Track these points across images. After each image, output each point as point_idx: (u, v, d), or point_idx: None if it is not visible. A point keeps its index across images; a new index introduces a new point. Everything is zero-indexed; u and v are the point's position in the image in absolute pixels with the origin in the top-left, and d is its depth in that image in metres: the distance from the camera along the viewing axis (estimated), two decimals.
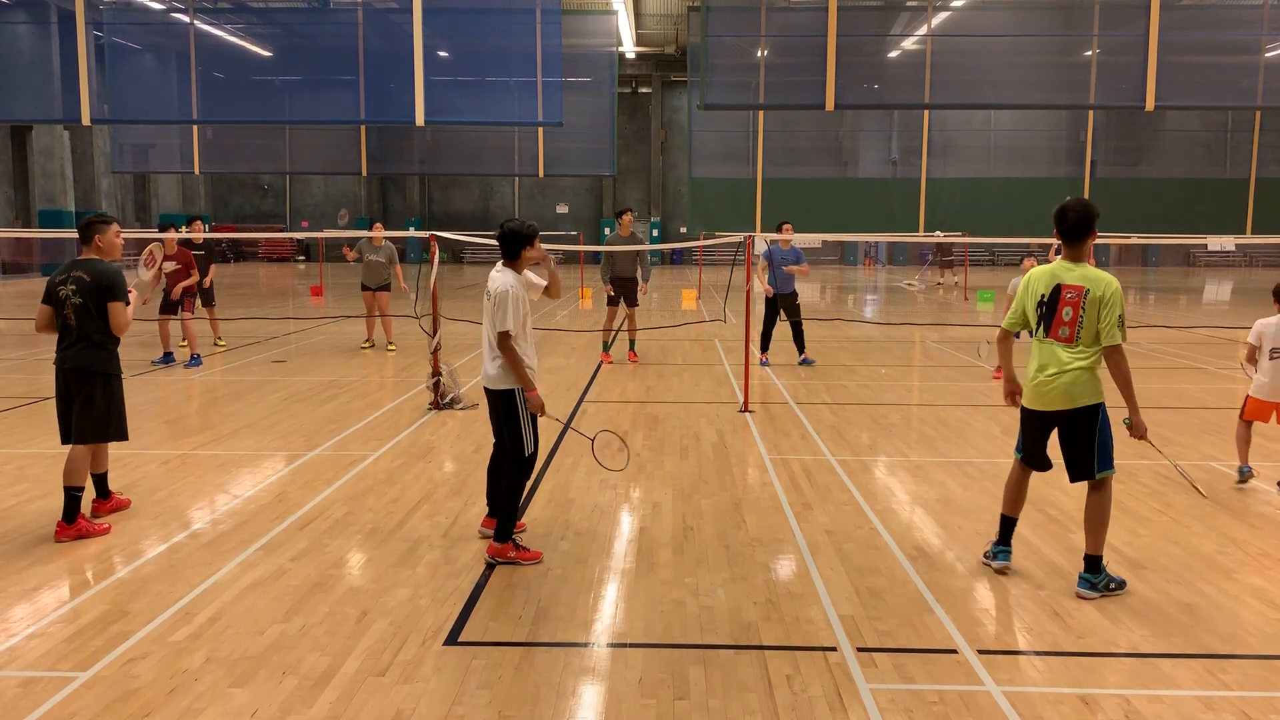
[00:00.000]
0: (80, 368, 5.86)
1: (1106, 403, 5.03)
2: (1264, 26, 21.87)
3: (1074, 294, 4.95)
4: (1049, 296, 5.04)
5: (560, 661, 4.28)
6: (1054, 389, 5.00)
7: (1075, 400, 4.97)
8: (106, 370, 5.94)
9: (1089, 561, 5.07)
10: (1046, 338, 5.06)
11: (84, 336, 5.85)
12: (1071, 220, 5.03)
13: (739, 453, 8.21)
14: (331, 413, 9.80)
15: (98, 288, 5.84)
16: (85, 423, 5.88)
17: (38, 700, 3.89)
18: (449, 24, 23.06)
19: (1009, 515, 5.41)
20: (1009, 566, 5.35)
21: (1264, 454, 8.02)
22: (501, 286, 5.44)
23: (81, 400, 5.87)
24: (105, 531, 5.94)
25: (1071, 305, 4.95)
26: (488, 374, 5.60)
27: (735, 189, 33.87)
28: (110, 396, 5.96)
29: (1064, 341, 4.99)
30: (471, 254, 47.71)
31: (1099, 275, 4.97)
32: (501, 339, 5.43)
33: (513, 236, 5.55)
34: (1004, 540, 5.41)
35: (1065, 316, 4.97)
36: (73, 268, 5.94)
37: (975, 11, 25.01)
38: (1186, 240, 23.18)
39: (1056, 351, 5.00)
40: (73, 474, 5.85)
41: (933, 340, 16.45)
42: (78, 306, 5.83)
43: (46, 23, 22.32)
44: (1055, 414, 5.07)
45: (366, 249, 14.15)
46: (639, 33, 40.34)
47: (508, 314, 5.40)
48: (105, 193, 37.87)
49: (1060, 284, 5.00)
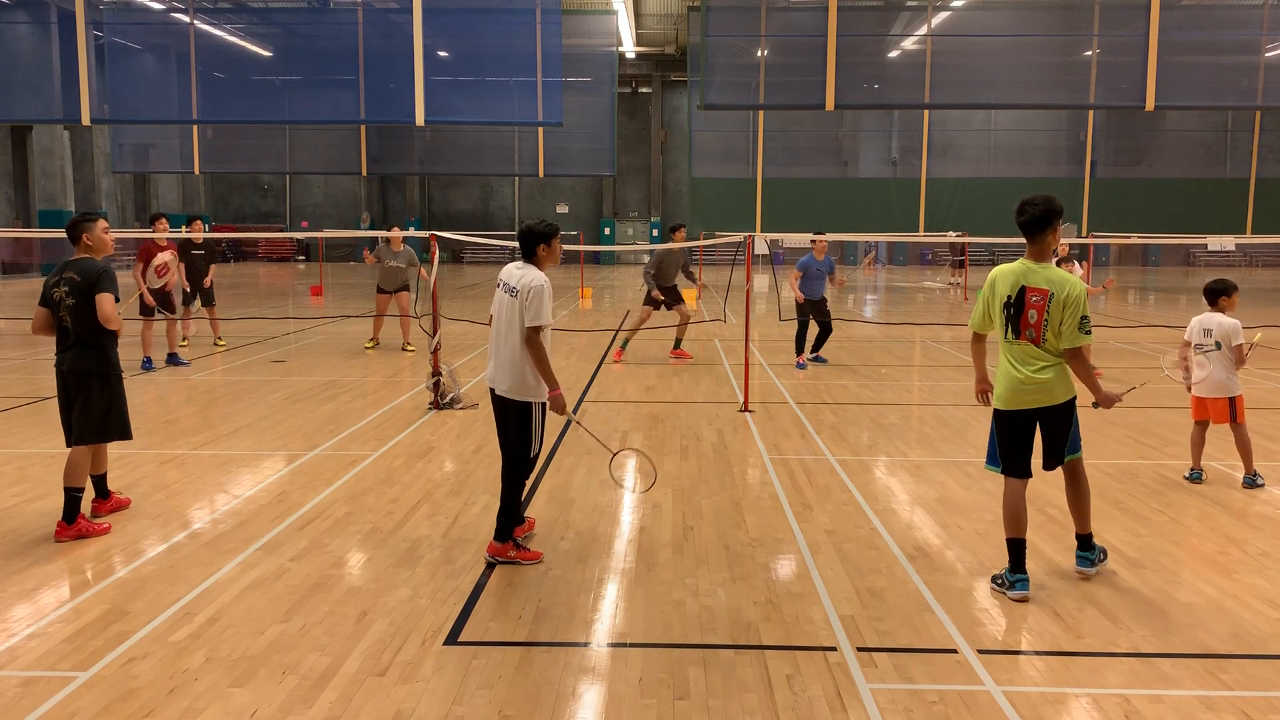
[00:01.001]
0: (79, 369, 5.84)
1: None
2: (1264, 26, 21.86)
3: (1039, 297, 4.95)
4: (1015, 298, 5.02)
5: (560, 661, 4.28)
6: (1029, 388, 5.01)
7: (1053, 398, 5.01)
8: (105, 371, 5.91)
9: (1082, 541, 5.28)
10: (1016, 339, 5.04)
11: (81, 338, 5.84)
12: (1029, 215, 4.99)
13: (739, 453, 8.21)
14: (331, 413, 9.81)
15: (87, 286, 5.81)
16: (85, 423, 5.87)
17: (38, 700, 3.89)
18: (449, 24, 23.06)
19: (1015, 537, 5.05)
20: (1028, 596, 4.95)
21: (1265, 454, 8.02)
22: (535, 281, 5.34)
23: (81, 401, 5.85)
24: (105, 531, 5.93)
25: (1036, 309, 4.95)
26: (503, 382, 5.44)
27: (735, 189, 33.88)
28: (111, 396, 5.94)
29: (1031, 343, 5.01)
30: (471, 254, 47.72)
31: (1063, 278, 4.97)
32: (531, 334, 5.30)
33: (527, 235, 5.52)
34: (1018, 567, 5.02)
35: (1031, 319, 4.98)
36: (65, 269, 5.92)
37: (975, 11, 25.01)
38: (1186, 240, 23.16)
39: (1027, 353, 5.01)
40: (73, 474, 5.84)
41: (942, 341, 16.44)
42: (72, 308, 5.81)
43: (46, 23, 22.34)
44: (1034, 412, 5.07)
45: (385, 254, 14.01)
46: (639, 33, 40.35)
47: (543, 307, 5.31)
48: (105, 193, 37.86)
49: (1025, 286, 4.99)
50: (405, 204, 47.81)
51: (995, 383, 5.22)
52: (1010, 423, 5.13)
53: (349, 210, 47.52)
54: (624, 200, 48.40)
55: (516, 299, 5.36)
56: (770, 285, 28.65)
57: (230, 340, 15.29)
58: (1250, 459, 7.14)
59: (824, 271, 13.24)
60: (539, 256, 5.52)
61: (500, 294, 5.51)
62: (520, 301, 5.33)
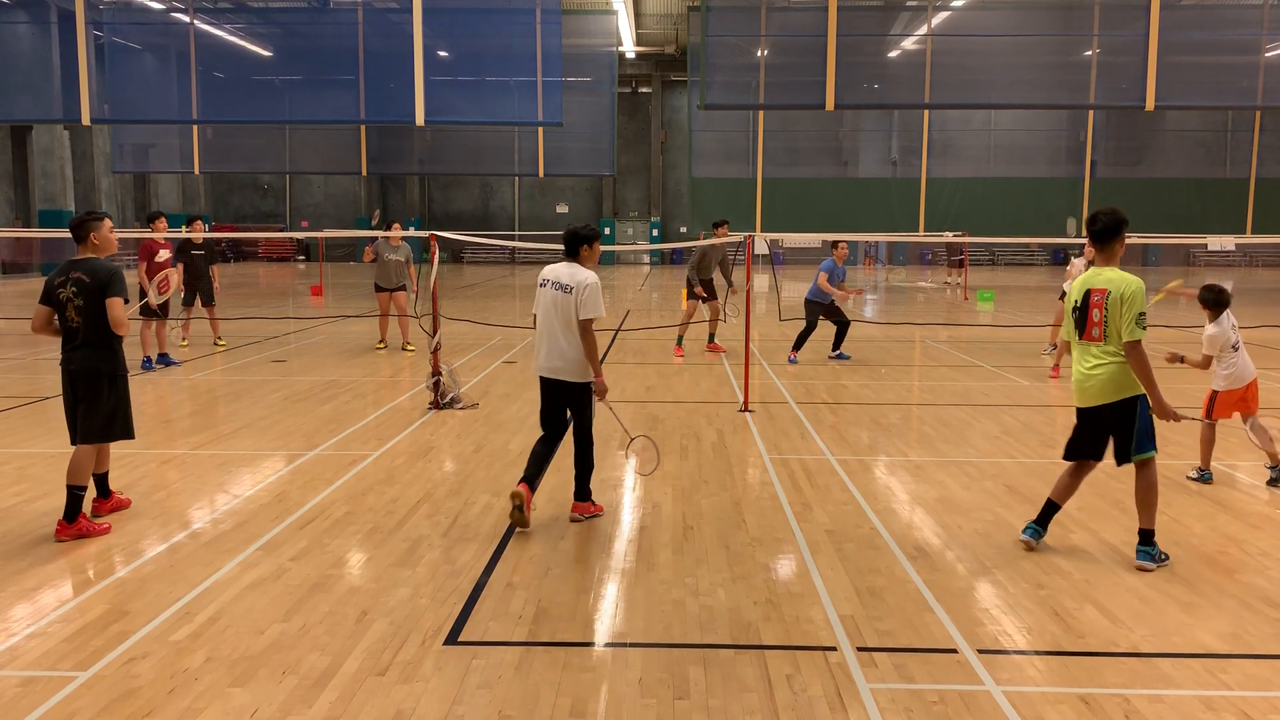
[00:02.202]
0: (88, 369, 5.85)
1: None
2: (1264, 26, 21.87)
3: (1099, 296, 5.38)
4: (1081, 302, 5.48)
5: (560, 661, 4.28)
6: (1092, 386, 5.42)
7: (1117, 393, 5.36)
8: (114, 371, 5.93)
9: (1144, 535, 5.46)
10: (1082, 340, 5.49)
11: (89, 339, 5.84)
12: (1100, 225, 5.51)
13: (739, 453, 8.21)
14: (331, 412, 9.81)
15: (98, 287, 5.82)
16: (91, 423, 5.87)
17: (38, 700, 3.89)
18: (449, 24, 23.07)
19: (1051, 500, 5.76)
20: (1031, 544, 5.68)
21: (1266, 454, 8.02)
22: (588, 279, 6.00)
23: (88, 401, 5.86)
24: (105, 531, 5.94)
25: (1098, 307, 5.38)
26: (562, 370, 6.08)
27: (735, 189, 33.87)
28: (117, 396, 5.95)
29: (1095, 341, 5.40)
30: (471, 254, 47.71)
31: (1122, 276, 5.37)
32: (585, 326, 5.96)
33: (573, 237, 6.15)
34: (1039, 520, 5.76)
35: (1094, 318, 5.40)
36: (71, 268, 5.90)
37: (975, 11, 25.01)
38: (1186, 240, 23.16)
39: (1091, 351, 5.46)
40: (76, 473, 5.84)
41: (939, 340, 16.45)
42: (80, 308, 5.81)
43: (46, 23, 22.34)
44: (1100, 409, 5.45)
45: (384, 249, 13.99)
46: (639, 33, 40.34)
47: (599, 301, 5.98)
48: (105, 193, 37.87)
49: (1090, 289, 5.43)
50: (405, 204, 47.82)
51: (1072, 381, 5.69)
52: (1079, 418, 5.63)
53: (349, 210, 47.52)
54: (624, 200, 48.41)
55: (571, 295, 5.99)
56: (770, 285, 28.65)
57: (230, 340, 15.29)
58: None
59: (842, 276, 13.67)
60: (582, 256, 6.14)
61: (549, 291, 6.12)
62: (575, 297, 5.98)
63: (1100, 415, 5.48)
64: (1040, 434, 8.97)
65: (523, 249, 44.20)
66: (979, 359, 13.99)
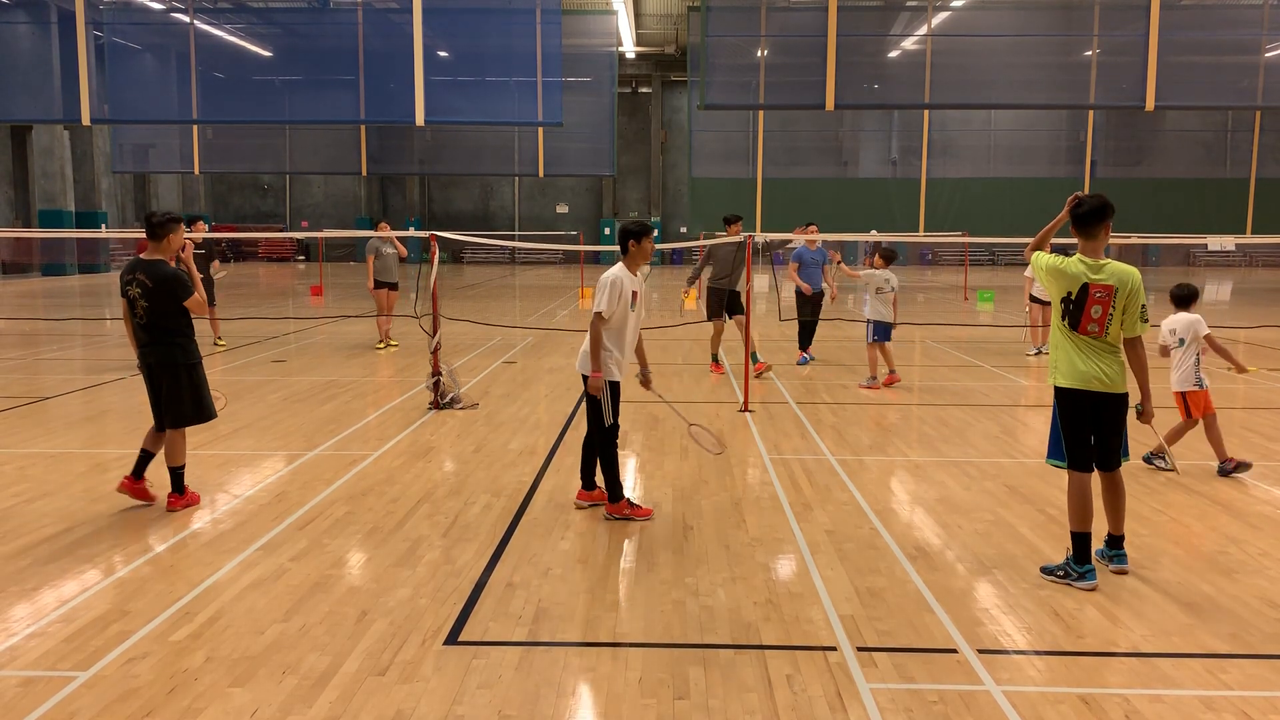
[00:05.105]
0: (165, 361, 6.34)
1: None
2: (1264, 26, 21.87)
3: (1103, 293, 5.08)
4: (1076, 295, 5.14)
5: (560, 661, 4.28)
6: (1090, 372, 5.10)
7: (1114, 385, 5.14)
8: (188, 360, 6.42)
9: (1117, 540, 5.36)
10: (1075, 332, 5.15)
11: (159, 335, 6.33)
12: (1085, 207, 5.16)
13: (739, 453, 8.21)
14: (331, 412, 9.80)
15: (162, 292, 6.27)
16: (175, 409, 6.37)
17: (38, 700, 3.89)
18: (449, 24, 23.07)
19: (1082, 531, 5.16)
20: (1096, 585, 5.08)
21: (1265, 454, 8.02)
22: (603, 275, 6.14)
23: (168, 389, 6.35)
24: (153, 499, 6.49)
25: (1101, 304, 5.09)
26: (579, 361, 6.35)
27: (735, 189, 33.85)
28: (195, 383, 6.45)
29: (1093, 336, 5.14)
30: (471, 254, 47.71)
31: (1125, 270, 5.11)
32: (592, 320, 6.10)
33: (622, 232, 6.29)
34: (1084, 559, 5.14)
35: (1094, 314, 5.10)
36: (136, 268, 6.33)
37: (975, 11, 25.01)
38: (1186, 240, 23.15)
39: (1089, 344, 5.14)
40: (172, 454, 6.39)
41: (941, 341, 16.45)
42: (147, 309, 6.29)
43: (46, 23, 22.34)
44: (1094, 396, 5.11)
45: (381, 245, 14.21)
46: (639, 33, 40.33)
47: (602, 297, 6.04)
48: (105, 193, 37.85)
49: (1088, 283, 5.10)
50: (405, 204, 47.81)
51: (1052, 361, 5.29)
52: (1070, 402, 5.18)
53: (349, 210, 47.51)
54: (624, 200, 48.39)
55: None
56: (770, 285, 28.64)
57: (230, 340, 15.29)
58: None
59: (819, 260, 13.36)
60: (630, 253, 6.26)
61: None
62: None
63: (1094, 403, 5.10)
64: (1040, 434, 8.96)
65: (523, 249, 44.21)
66: (979, 359, 13.99)
